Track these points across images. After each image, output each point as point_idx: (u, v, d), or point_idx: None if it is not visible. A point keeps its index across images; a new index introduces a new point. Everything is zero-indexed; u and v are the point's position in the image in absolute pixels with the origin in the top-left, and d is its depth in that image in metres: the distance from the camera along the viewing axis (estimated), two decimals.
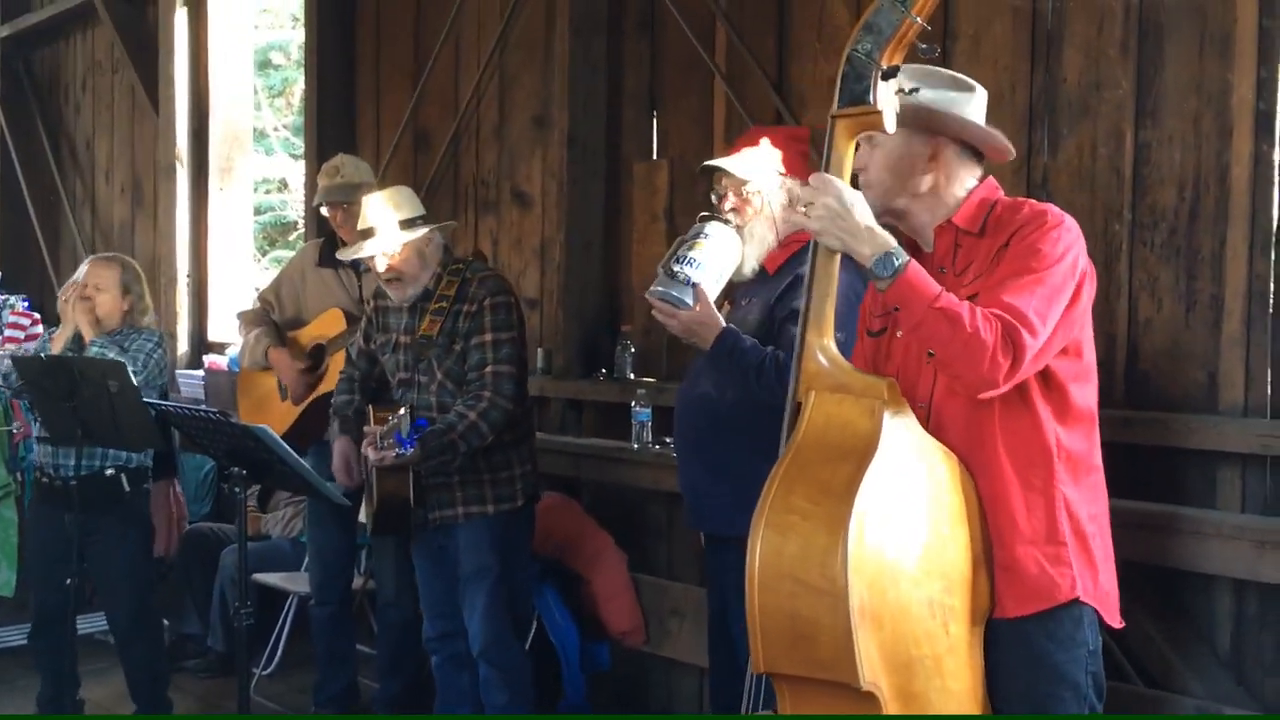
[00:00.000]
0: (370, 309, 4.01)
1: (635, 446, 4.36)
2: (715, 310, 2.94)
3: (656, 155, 4.81)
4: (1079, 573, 2.32)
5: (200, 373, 6.68)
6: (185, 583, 5.45)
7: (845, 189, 2.25)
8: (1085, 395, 2.38)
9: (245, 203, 7.40)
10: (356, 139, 6.07)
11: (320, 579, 4.58)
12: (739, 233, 3.04)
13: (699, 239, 2.91)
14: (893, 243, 2.25)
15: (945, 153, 2.45)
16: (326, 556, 4.56)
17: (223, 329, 7.00)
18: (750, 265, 3.12)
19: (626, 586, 4.46)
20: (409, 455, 3.48)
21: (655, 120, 4.83)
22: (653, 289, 2.88)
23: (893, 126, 2.27)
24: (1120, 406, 3.31)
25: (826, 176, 2.27)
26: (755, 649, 2.15)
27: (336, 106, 6.12)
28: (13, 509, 5.50)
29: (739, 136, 3.58)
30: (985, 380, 2.21)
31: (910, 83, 2.34)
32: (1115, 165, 3.41)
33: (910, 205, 2.45)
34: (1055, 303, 2.26)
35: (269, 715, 4.81)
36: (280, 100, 13.88)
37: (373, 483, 3.71)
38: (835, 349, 2.28)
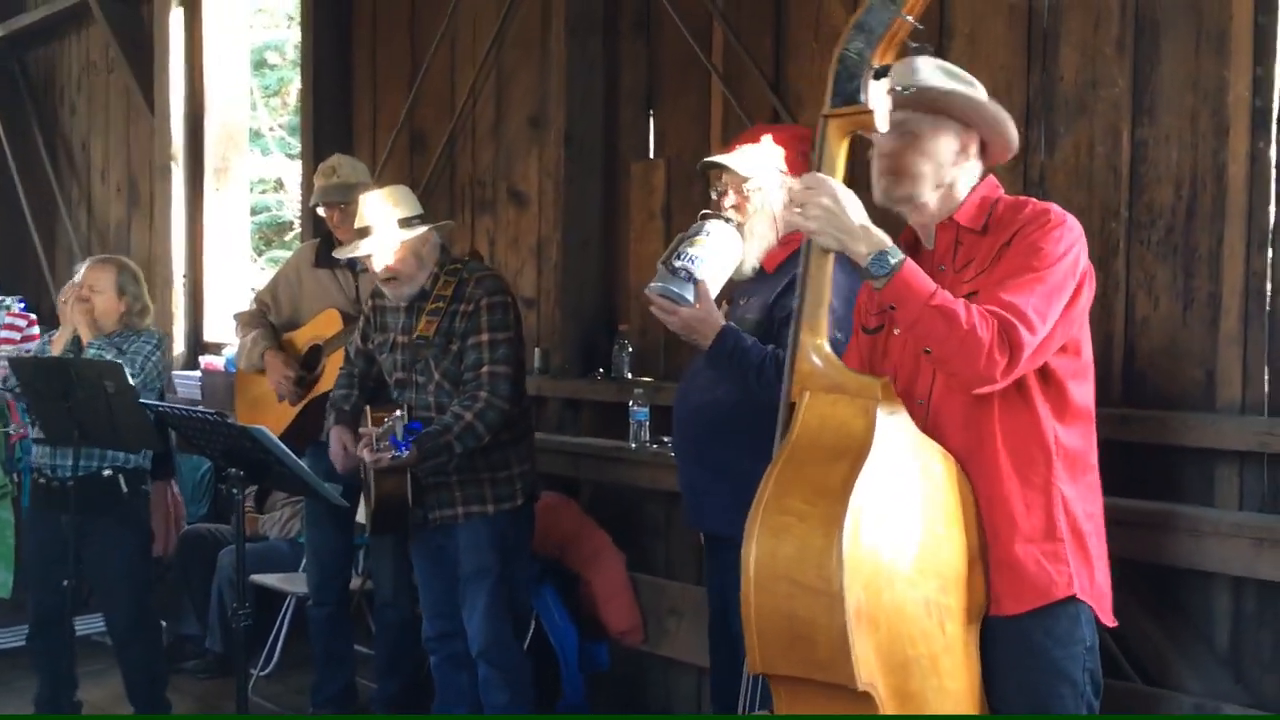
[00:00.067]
0: (368, 308, 4.00)
1: (633, 446, 4.35)
2: (715, 308, 2.93)
3: (653, 154, 4.80)
4: (1076, 570, 2.32)
5: (197, 373, 6.67)
6: (183, 584, 5.45)
7: (839, 188, 2.25)
8: (1083, 394, 2.38)
9: (241, 203, 7.38)
10: (353, 139, 6.06)
11: (318, 579, 4.58)
12: (739, 230, 3.03)
13: (700, 236, 2.87)
14: (888, 241, 2.25)
15: (971, 148, 2.45)
16: (324, 557, 4.56)
17: (219, 329, 6.98)
18: (750, 264, 3.11)
19: (625, 586, 4.46)
20: (404, 457, 3.48)
21: (652, 119, 4.82)
22: (652, 285, 2.84)
23: (885, 126, 2.27)
24: (1118, 405, 3.31)
25: (820, 176, 2.27)
26: (752, 650, 2.16)
27: (333, 106, 6.11)
28: (10, 510, 5.50)
29: (740, 134, 3.55)
30: (982, 377, 2.22)
31: (919, 79, 2.34)
32: (1112, 163, 3.40)
33: (932, 198, 2.44)
34: (1055, 301, 2.26)
35: (267, 716, 4.81)
36: (276, 100, 13.87)
37: (370, 483, 3.70)
38: (829, 349, 2.27)
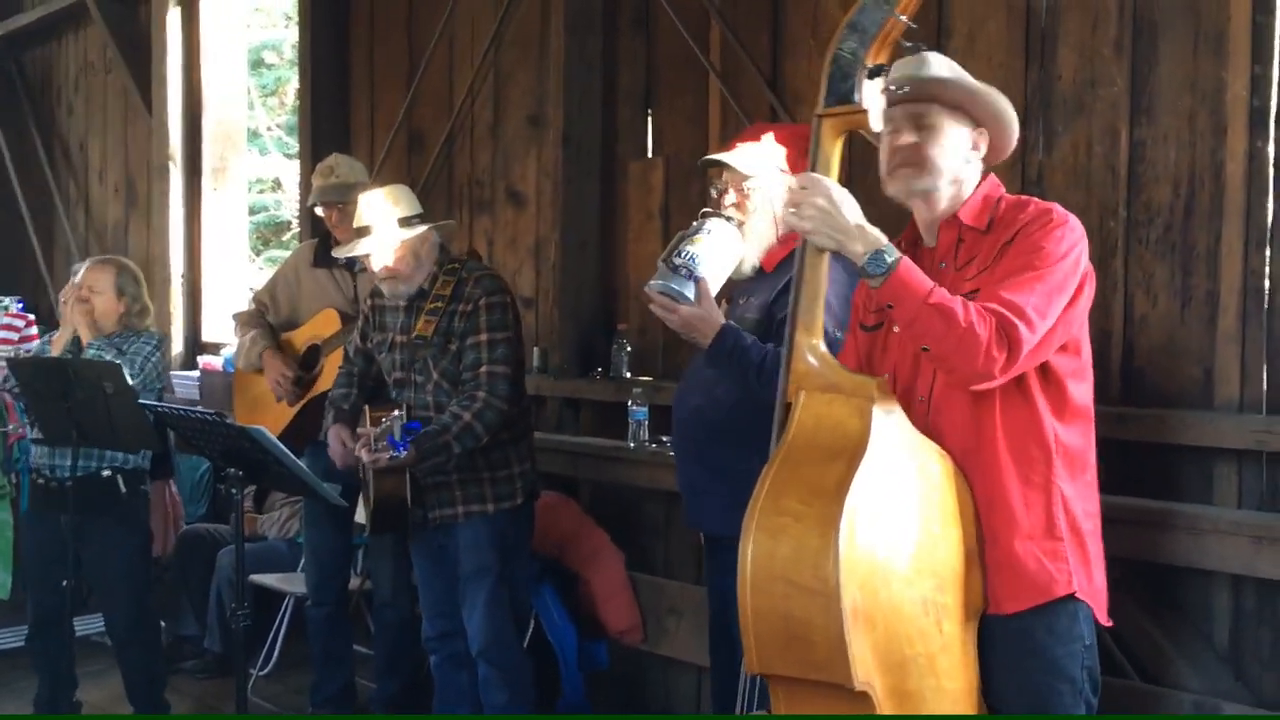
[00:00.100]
0: (367, 308, 4.00)
1: (632, 445, 4.35)
2: (716, 306, 2.92)
3: (651, 153, 4.80)
4: (1075, 568, 2.32)
5: (195, 373, 6.66)
6: (182, 584, 5.44)
7: (834, 187, 2.25)
8: (1082, 393, 2.39)
9: (239, 202, 7.38)
10: (351, 138, 6.06)
11: (317, 579, 4.58)
12: (739, 229, 3.02)
13: (700, 234, 2.84)
14: (884, 240, 2.24)
15: (981, 145, 2.46)
16: (323, 557, 4.56)
17: (217, 329, 6.98)
18: (750, 262, 3.11)
19: (624, 585, 4.46)
20: (402, 458, 3.48)
21: (650, 118, 4.82)
22: (652, 283, 2.80)
23: (879, 125, 2.27)
24: (1116, 403, 3.31)
25: (815, 176, 2.27)
26: (749, 650, 2.16)
27: (330, 106, 6.11)
28: (8, 511, 5.50)
29: (742, 132, 3.54)
30: (980, 374, 2.22)
31: (930, 72, 2.34)
32: (1110, 163, 3.40)
33: (948, 192, 2.43)
34: (1055, 300, 2.27)
35: (266, 716, 4.81)
36: (274, 99, 13.86)
37: (370, 483, 3.70)
38: (825, 349, 2.27)
